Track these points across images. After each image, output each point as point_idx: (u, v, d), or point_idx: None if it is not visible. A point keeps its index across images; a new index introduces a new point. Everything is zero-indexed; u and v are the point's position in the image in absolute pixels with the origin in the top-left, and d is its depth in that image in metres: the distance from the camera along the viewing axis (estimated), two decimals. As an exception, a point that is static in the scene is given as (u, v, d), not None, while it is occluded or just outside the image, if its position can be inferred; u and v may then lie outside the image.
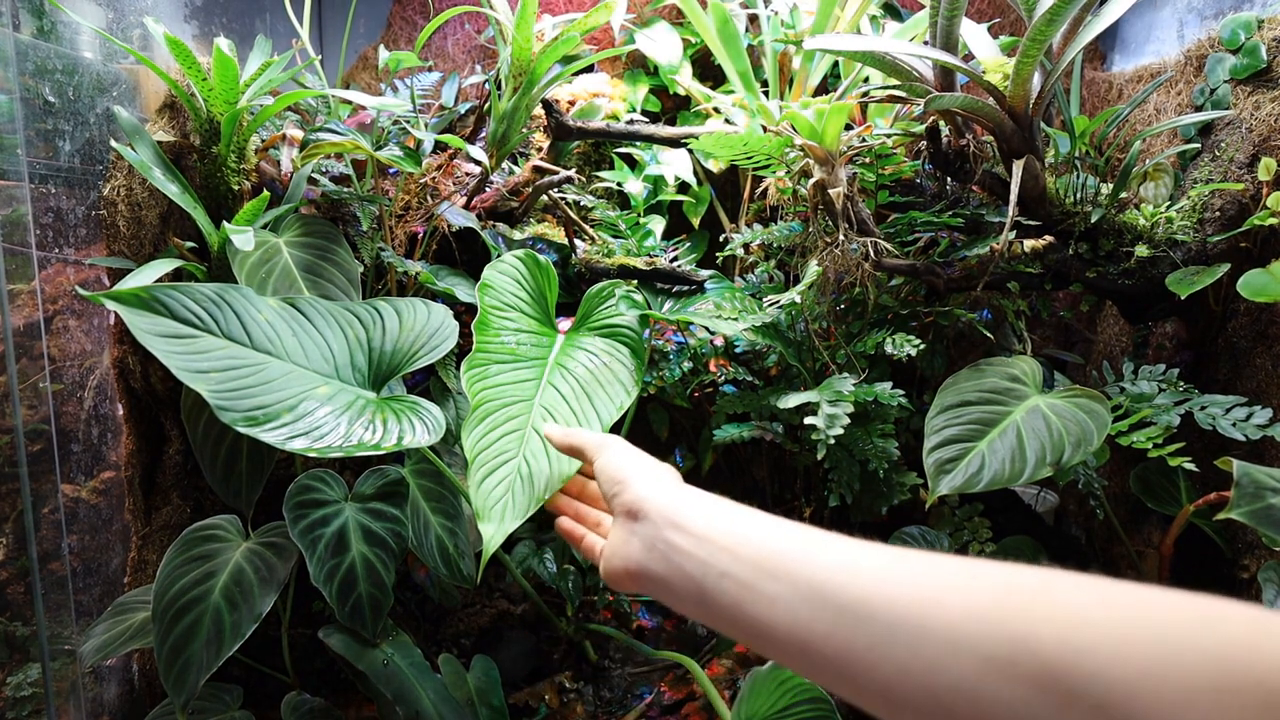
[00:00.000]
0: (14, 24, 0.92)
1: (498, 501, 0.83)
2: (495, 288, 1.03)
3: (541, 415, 0.92)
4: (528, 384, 0.96)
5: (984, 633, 0.34)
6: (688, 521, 0.50)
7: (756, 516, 0.49)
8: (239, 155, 1.16)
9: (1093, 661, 0.31)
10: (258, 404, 0.84)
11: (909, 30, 1.38)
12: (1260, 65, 1.12)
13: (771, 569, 0.43)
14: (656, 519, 0.52)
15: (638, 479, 0.57)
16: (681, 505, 0.52)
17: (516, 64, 1.28)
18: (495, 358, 0.97)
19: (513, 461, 0.87)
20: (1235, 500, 0.85)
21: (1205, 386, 1.07)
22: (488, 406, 0.91)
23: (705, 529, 0.49)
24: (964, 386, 1.01)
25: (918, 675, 0.35)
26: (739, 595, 0.44)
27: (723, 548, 0.47)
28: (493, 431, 0.89)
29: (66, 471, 1.02)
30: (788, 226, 1.21)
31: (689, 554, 0.48)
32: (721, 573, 0.46)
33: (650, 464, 0.60)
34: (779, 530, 0.46)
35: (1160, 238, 1.10)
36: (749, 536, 0.46)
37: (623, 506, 0.56)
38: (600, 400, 0.95)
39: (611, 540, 0.56)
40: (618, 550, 0.54)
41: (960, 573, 0.38)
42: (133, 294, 0.85)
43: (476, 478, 0.85)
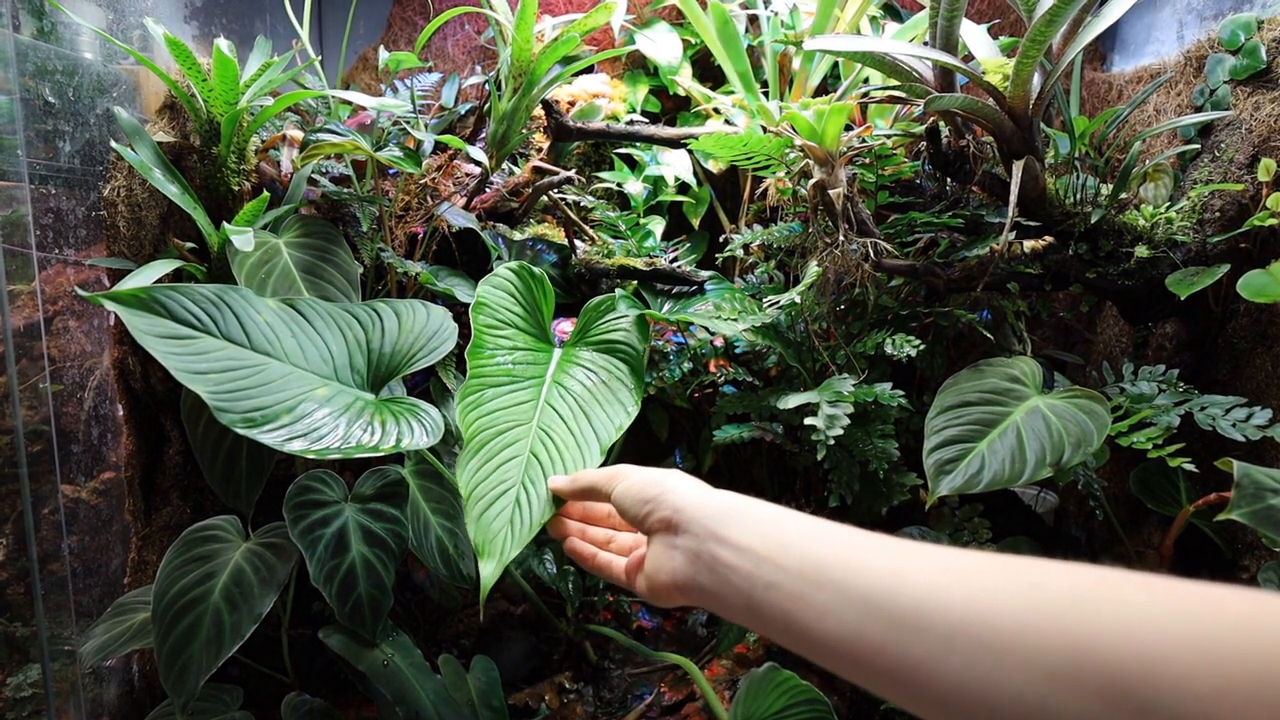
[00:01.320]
0: (14, 25, 0.92)
1: (497, 535, 0.82)
2: (490, 305, 1.01)
3: (539, 438, 0.90)
4: (525, 406, 0.94)
5: (1046, 644, 0.33)
6: (728, 533, 0.50)
7: (798, 521, 0.48)
8: (239, 156, 1.16)
9: (1167, 673, 0.29)
10: (256, 405, 0.84)
11: (909, 31, 1.38)
12: (1260, 66, 1.12)
13: (817, 579, 0.43)
14: (697, 531, 0.52)
15: (668, 495, 0.56)
16: (720, 515, 0.51)
17: (516, 65, 1.28)
18: (490, 381, 0.95)
19: (511, 491, 0.85)
20: (1235, 501, 0.85)
21: (1205, 387, 1.07)
22: (483, 436, 0.89)
23: (747, 540, 0.48)
24: (964, 387, 1.01)
25: (976, 688, 0.34)
26: (787, 606, 0.44)
27: (765, 558, 0.46)
28: (489, 462, 0.87)
29: (66, 472, 1.02)
30: (787, 227, 1.21)
31: (734, 567, 0.48)
32: (768, 584, 0.45)
33: (674, 477, 0.59)
34: (822, 535, 0.46)
35: (1160, 238, 1.10)
36: (792, 544, 0.46)
37: (660, 523, 0.56)
38: (599, 420, 0.94)
39: (653, 557, 0.56)
40: (662, 566, 0.54)
41: (1018, 577, 0.36)
42: (132, 295, 0.85)
43: (475, 512, 0.83)
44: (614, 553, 0.69)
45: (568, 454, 0.89)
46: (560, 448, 0.89)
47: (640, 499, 0.59)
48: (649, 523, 0.57)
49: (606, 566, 0.67)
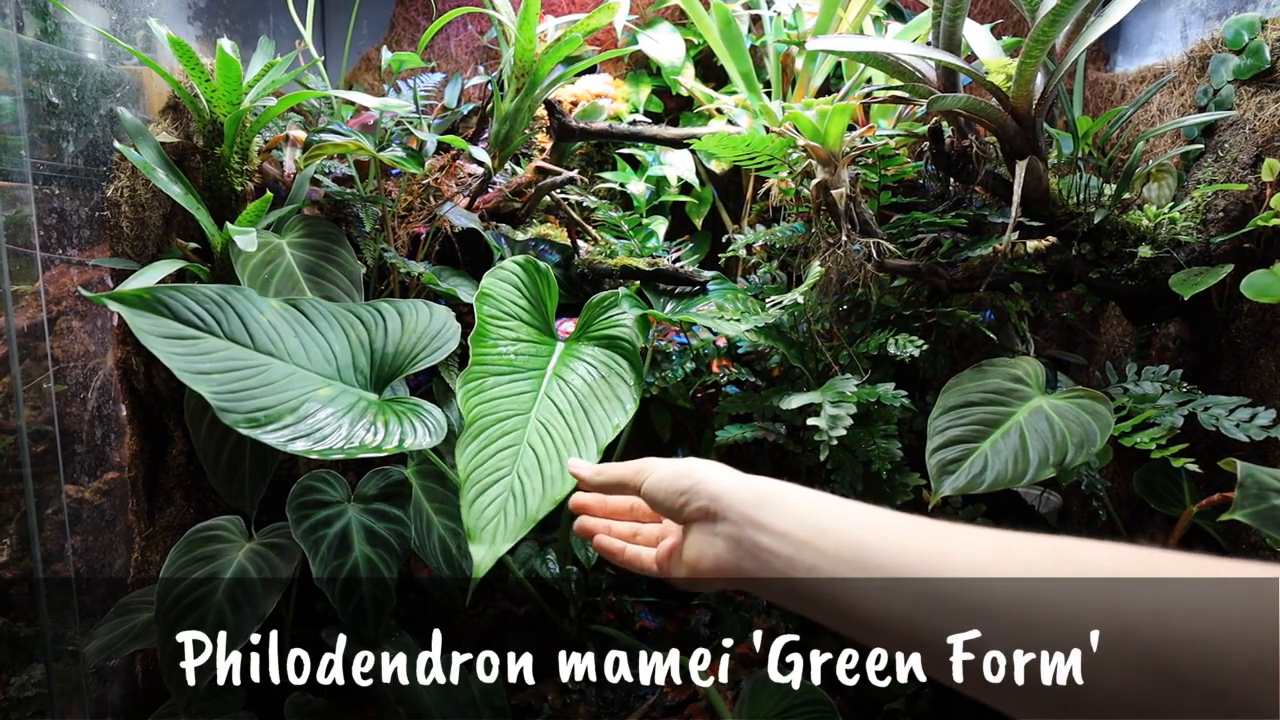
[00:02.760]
0: (18, 25, 0.92)
1: (490, 521, 0.82)
2: (495, 296, 1.02)
3: (537, 430, 0.91)
4: (524, 396, 0.95)
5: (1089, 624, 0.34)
6: (767, 519, 0.51)
7: (835, 506, 0.50)
8: (242, 156, 1.16)
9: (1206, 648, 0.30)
10: (260, 405, 0.84)
11: (912, 31, 1.38)
12: (1264, 66, 1.12)
13: (858, 562, 0.44)
14: (735, 519, 0.53)
15: (703, 485, 0.57)
16: (758, 501, 0.53)
17: (519, 65, 1.28)
18: (492, 370, 0.96)
19: (506, 479, 0.85)
20: (1239, 501, 0.85)
21: (1209, 387, 1.06)
22: (483, 422, 0.90)
23: (785, 525, 0.49)
24: (967, 387, 1.01)
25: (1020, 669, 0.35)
26: (828, 589, 0.45)
27: (805, 543, 0.47)
28: (487, 448, 0.88)
29: (70, 472, 1.02)
30: (790, 227, 1.21)
31: (775, 552, 0.49)
32: (809, 567, 0.46)
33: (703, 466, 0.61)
34: (859, 519, 0.47)
35: (1163, 238, 1.10)
36: (830, 528, 0.47)
37: (698, 513, 0.57)
38: (597, 417, 0.94)
39: (694, 545, 0.57)
40: (704, 553, 0.55)
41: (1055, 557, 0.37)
42: (135, 295, 0.85)
43: (469, 496, 0.84)
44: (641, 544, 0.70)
45: (564, 449, 0.89)
46: (557, 442, 0.90)
47: (674, 490, 0.59)
48: (686, 512, 0.58)
49: (636, 559, 0.68)
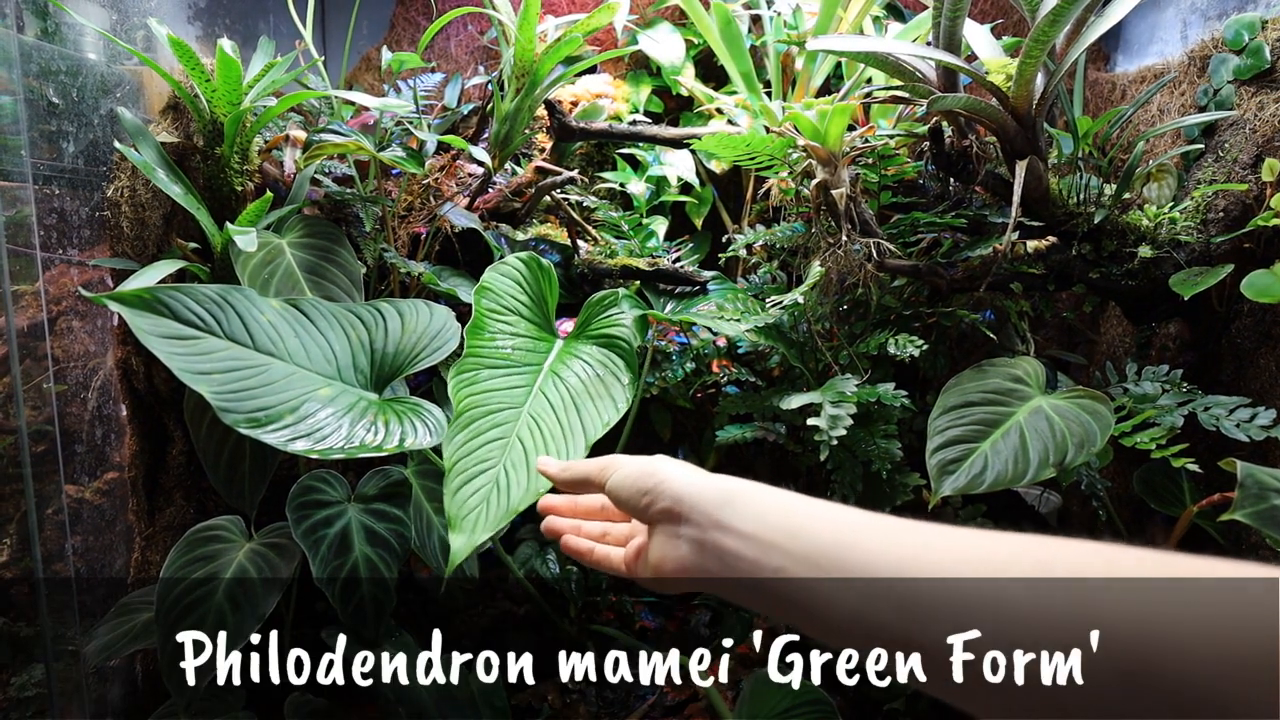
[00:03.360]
0: (18, 25, 0.92)
1: (471, 511, 0.82)
2: (495, 290, 1.02)
3: (528, 423, 0.91)
4: (519, 390, 0.95)
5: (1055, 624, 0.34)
6: (731, 520, 0.50)
7: (803, 505, 0.49)
8: (242, 156, 1.16)
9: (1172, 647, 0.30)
10: (260, 405, 0.84)
11: (912, 31, 1.38)
12: (1264, 66, 1.12)
13: (825, 564, 0.43)
14: (699, 520, 0.52)
15: (665, 484, 0.56)
16: (721, 501, 0.52)
17: (519, 65, 1.28)
18: (487, 362, 0.96)
19: (491, 470, 0.85)
20: (1239, 501, 0.85)
21: (1209, 387, 1.06)
22: (473, 413, 0.90)
23: (750, 527, 0.48)
24: (967, 387, 1.01)
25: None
26: (797, 592, 0.44)
27: (771, 544, 0.46)
28: (475, 439, 0.88)
29: (70, 472, 1.02)
30: (790, 227, 1.21)
31: (739, 554, 0.48)
32: (776, 569, 0.46)
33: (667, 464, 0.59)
34: (827, 520, 0.46)
35: (1163, 238, 1.10)
36: (799, 530, 0.46)
37: (661, 514, 0.55)
38: (588, 414, 0.94)
39: (658, 547, 0.56)
40: (668, 555, 0.54)
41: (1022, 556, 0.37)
42: (135, 295, 0.85)
43: (453, 485, 0.83)
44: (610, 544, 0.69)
45: (553, 444, 0.89)
46: (547, 437, 0.89)
47: (637, 490, 0.58)
48: (650, 513, 0.57)
49: (605, 559, 0.67)
